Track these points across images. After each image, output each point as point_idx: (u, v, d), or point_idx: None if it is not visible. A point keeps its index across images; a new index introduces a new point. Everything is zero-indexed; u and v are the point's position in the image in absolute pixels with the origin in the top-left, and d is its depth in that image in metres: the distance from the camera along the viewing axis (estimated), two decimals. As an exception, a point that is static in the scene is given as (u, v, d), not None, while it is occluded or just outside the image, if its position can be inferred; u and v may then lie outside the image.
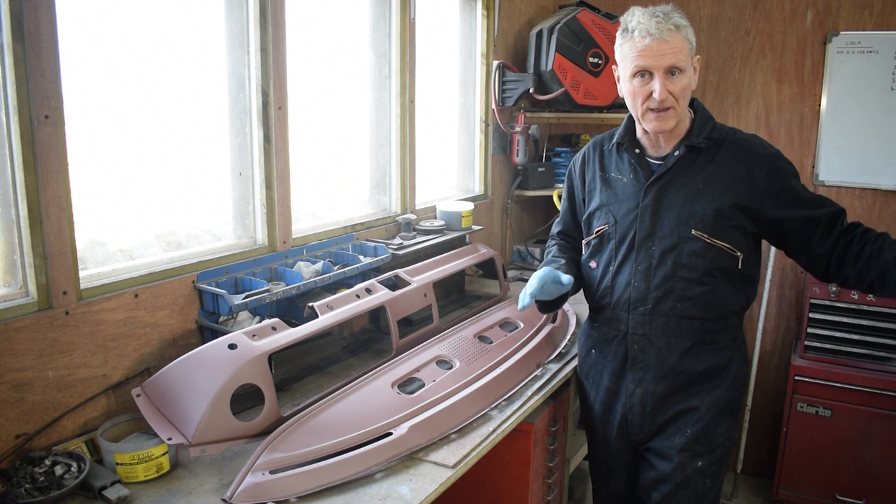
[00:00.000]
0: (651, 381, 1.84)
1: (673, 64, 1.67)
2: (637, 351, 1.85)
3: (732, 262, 1.77)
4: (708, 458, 1.83)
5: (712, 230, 1.75)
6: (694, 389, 1.82)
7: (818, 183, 3.27)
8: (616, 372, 1.90)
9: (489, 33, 3.20)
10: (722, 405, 1.82)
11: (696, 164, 1.79)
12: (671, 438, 1.84)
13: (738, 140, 1.80)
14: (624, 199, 1.86)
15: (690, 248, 1.76)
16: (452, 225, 2.77)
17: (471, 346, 2.09)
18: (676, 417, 1.84)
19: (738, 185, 1.75)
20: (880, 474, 2.95)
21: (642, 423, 1.88)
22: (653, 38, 1.66)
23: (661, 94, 1.68)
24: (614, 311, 1.88)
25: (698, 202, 1.76)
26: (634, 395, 1.87)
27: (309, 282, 2.02)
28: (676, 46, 1.67)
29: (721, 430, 1.83)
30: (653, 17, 1.67)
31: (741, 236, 1.77)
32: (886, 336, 2.92)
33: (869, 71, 3.10)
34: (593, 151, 1.98)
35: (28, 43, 1.44)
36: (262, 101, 2.06)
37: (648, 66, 1.68)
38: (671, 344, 1.81)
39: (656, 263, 1.80)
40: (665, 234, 1.79)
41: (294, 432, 1.58)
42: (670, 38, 1.66)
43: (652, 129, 1.76)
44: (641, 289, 1.81)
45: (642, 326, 1.83)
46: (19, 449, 1.48)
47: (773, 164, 1.75)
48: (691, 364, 1.81)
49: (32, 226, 1.51)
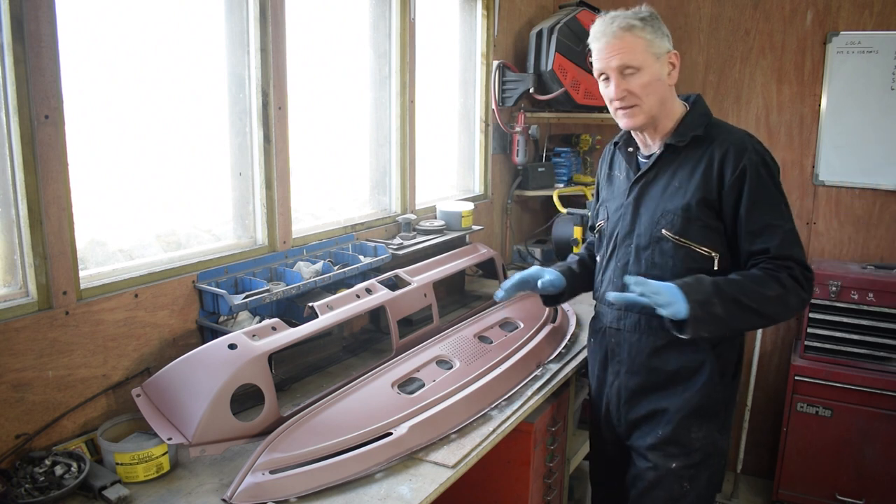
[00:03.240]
0: (625, 375, 1.88)
1: (623, 63, 1.70)
2: (614, 345, 1.90)
3: (707, 263, 1.74)
4: (683, 461, 1.81)
5: (681, 230, 1.73)
6: (665, 391, 1.82)
7: (818, 183, 3.28)
8: (602, 363, 1.96)
9: (489, 33, 3.20)
10: (694, 408, 1.79)
11: (674, 162, 1.78)
12: (644, 438, 1.87)
13: (723, 137, 1.75)
14: (617, 197, 1.91)
15: (661, 248, 1.77)
16: (452, 225, 2.78)
17: (471, 346, 2.09)
18: (648, 417, 1.86)
19: (708, 182, 1.71)
20: (880, 474, 2.95)
21: (619, 416, 1.92)
22: (604, 41, 1.72)
23: (616, 92, 1.72)
24: (600, 304, 1.97)
25: (671, 201, 1.75)
26: (612, 387, 1.92)
27: (309, 282, 2.02)
28: (627, 46, 1.69)
29: (698, 435, 1.80)
30: (605, 21, 1.74)
31: (714, 236, 1.73)
32: (886, 336, 2.92)
33: (869, 71, 3.10)
34: (608, 150, 2.04)
35: (28, 43, 1.44)
36: (262, 101, 2.06)
37: (603, 68, 1.75)
38: (642, 341, 1.83)
39: (632, 261, 1.83)
40: (641, 232, 1.81)
41: (294, 432, 1.58)
42: (620, 39, 1.70)
43: (623, 126, 1.81)
44: (618, 285, 1.85)
45: (617, 321, 1.87)
46: (19, 449, 1.48)
47: (744, 166, 1.68)
48: (661, 363, 1.81)
49: (32, 226, 1.51)
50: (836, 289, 2.95)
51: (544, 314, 2.39)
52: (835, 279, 2.94)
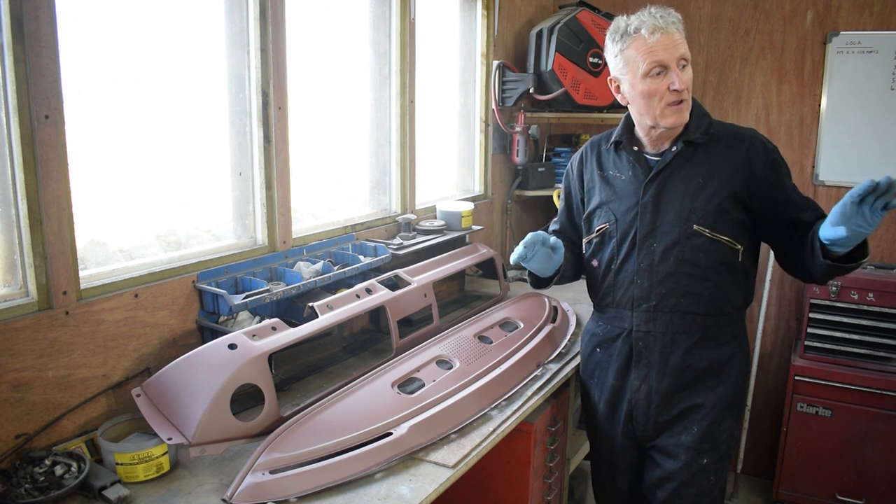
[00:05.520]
0: (655, 377, 1.85)
1: (683, 55, 1.72)
2: (642, 348, 1.86)
3: (734, 255, 1.79)
4: (713, 455, 1.84)
5: (713, 224, 1.76)
6: (699, 386, 1.83)
7: (818, 183, 3.28)
8: (621, 369, 1.91)
9: (489, 33, 3.20)
10: (726, 401, 1.83)
11: (693, 159, 1.79)
12: (678, 436, 1.85)
13: (737, 134, 1.82)
14: (624, 197, 1.87)
15: (693, 244, 1.77)
16: (452, 225, 2.77)
17: (471, 346, 2.09)
18: (682, 415, 1.85)
19: (737, 177, 1.76)
20: (880, 474, 2.96)
21: (647, 421, 1.89)
22: (662, 32, 1.69)
23: (684, 83, 1.70)
24: (618, 308, 1.90)
25: (699, 197, 1.77)
26: (640, 392, 1.88)
27: (309, 282, 2.02)
28: (682, 39, 1.73)
29: (725, 427, 1.84)
30: (654, 16, 1.71)
31: (740, 229, 1.78)
32: (886, 336, 2.92)
33: (869, 71, 3.11)
34: (591, 152, 1.99)
35: (28, 43, 1.44)
36: (262, 101, 2.06)
37: (664, 59, 1.69)
38: (675, 340, 1.82)
39: (658, 260, 1.81)
40: (666, 230, 1.79)
41: (294, 432, 1.57)
42: (675, 31, 1.72)
43: (671, 124, 1.75)
44: (644, 286, 1.82)
45: (646, 324, 1.84)
46: (19, 449, 1.48)
47: (769, 157, 1.77)
48: (695, 360, 1.82)
49: (32, 226, 1.51)
50: (836, 289, 2.95)
51: (544, 314, 2.39)
52: (835, 279, 2.94)
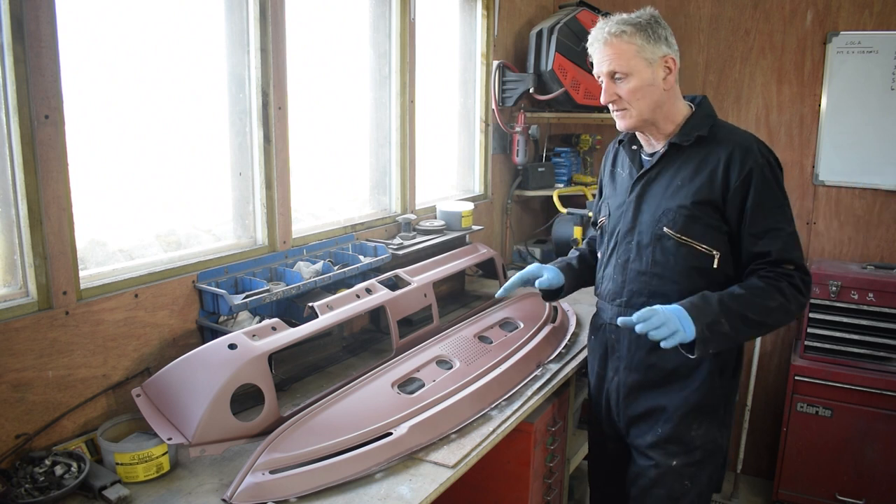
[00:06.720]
0: (624, 371, 1.90)
1: (612, 69, 1.74)
2: (613, 341, 1.92)
3: (707, 261, 1.75)
4: (684, 459, 1.83)
5: (682, 228, 1.75)
6: (664, 388, 1.84)
7: (818, 183, 3.28)
8: (602, 359, 1.98)
9: (489, 33, 3.19)
10: (693, 406, 1.81)
11: (678, 161, 1.79)
12: (644, 435, 1.88)
13: (724, 139, 1.76)
14: (619, 193, 1.92)
15: (663, 246, 1.78)
16: (452, 225, 2.78)
17: (471, 346, 2.09)
18: (647, 415, 1.87)
19: (712, 182, 1.72)
20: (880, 474, 2.95)
21: (619, 411, 1.94)
22: (596, 46, 1.77)
23: (604, 97, 1.77)
24: (602, 300, 1.98)
25: (673, 199, 1.77)
26: (612, 383, 1.94)
27: (309, 282, 2.02)
28: (617, 52, 1.72)
29: (698, 433, 1.82)
30: (599, 26, 1.77)
31: (716, 235, 1.74)
32: (886, 336, 2.92)
33: (869, 71, 3.10)
34: (612, 148, 2.06)
35: (28, 43, 1.44)
36: (262, 101, 2.06)
37: (598, 71, 1.79)
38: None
39: (633, 258, 1.84)
40: (643, 229, 1.82)
41: (294, 432, 1.57)
42: (609, 44, 1.74)
43: (617, 127, 1.84)
44: (619, 281, 1.87)
45: (616, 318, 1.86)
46: (19, 449, 1.48)
47: (747, 167, 1.69)
48: (660, 360, 1.82)
49: (32, 226, 1.51)
50: (835, 289, 2.95)
51: (544, 314, 2.39)
52: (835, 279, 2.94)
